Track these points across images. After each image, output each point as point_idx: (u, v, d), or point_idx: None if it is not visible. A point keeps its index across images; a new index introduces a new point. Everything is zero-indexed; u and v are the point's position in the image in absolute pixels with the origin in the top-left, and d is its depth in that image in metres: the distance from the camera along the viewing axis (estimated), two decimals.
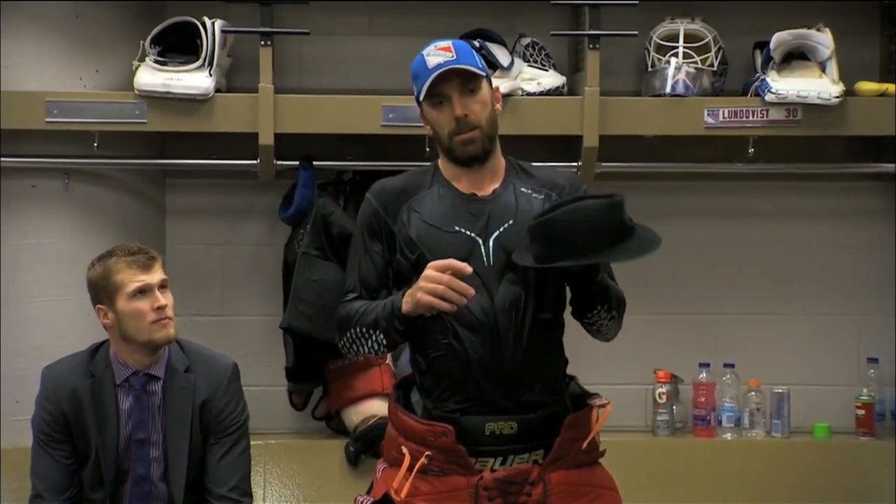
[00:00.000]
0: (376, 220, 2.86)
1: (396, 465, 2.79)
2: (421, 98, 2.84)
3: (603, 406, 2.77)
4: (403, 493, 2.71)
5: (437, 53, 2.83)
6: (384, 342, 2.74)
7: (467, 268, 2.60)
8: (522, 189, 2.88)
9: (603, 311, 2.77)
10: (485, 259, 2.76)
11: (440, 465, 2.72)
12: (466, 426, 2.72)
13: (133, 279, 3.53)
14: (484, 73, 2.83)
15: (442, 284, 2.58)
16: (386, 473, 2.85)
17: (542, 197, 2.87)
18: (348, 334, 2.81)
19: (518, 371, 2.69)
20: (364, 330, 2.76)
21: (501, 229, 2.80)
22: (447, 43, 2.83)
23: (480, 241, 2.78)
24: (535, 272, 2.78)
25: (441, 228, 2.78)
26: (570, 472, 2.76)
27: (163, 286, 3.59)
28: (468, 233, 2.78)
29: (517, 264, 2.76)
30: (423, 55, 2.84)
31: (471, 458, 2.70)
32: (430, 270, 2.61)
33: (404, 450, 2.77)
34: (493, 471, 2.72)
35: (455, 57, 2.80)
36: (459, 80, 2.79)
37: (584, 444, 2.74)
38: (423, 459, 2.72)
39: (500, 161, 2.88)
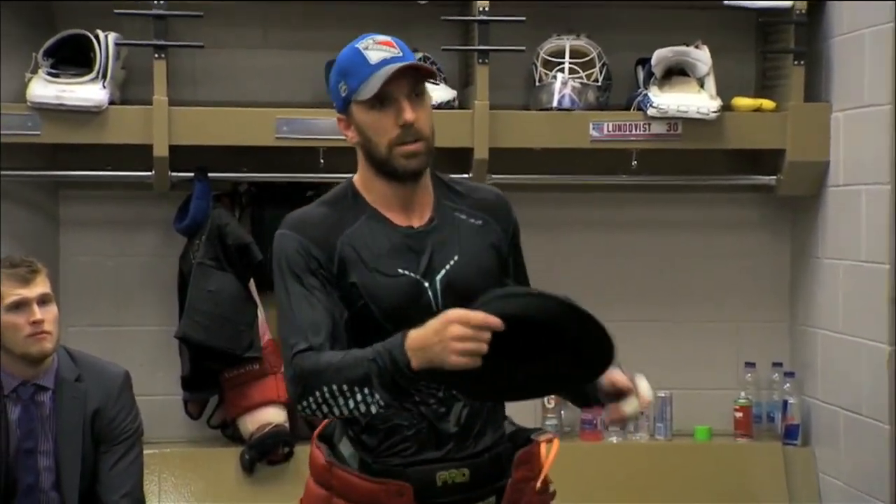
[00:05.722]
0: (307, 258, 2.41)
1: None
2: (360, 98, 2.41)
3: (550, 441, 2.51)
4: None
5: (379, 48, 2.43)
6: (379, 401, 2.24)
7: (500, 324, 2.18)
8: (458, 214, 2.53)
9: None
10: (432, 303, 2.41)
11: None
12: (416, 478, 2.41)
13: (10, 292, 3.52)
14: (437, 76, 2.55)
15: (482, 343, 2.15)
16: None
17: (480, 223, 2.54)
18: (318, 393, 2.28)
19: (472, 419, 2.42)
20: (346, 388, 2.26)
21: (447, 268, 2.46)
22: (386, 37, 2.46)
23: (426, 284, 2.43)
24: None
25: (384, 273, 2.40)
26: None
27: (43, 301, 3.56)
28: (412, 275, 2.42)
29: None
30: (357, 48, 2.44)
31: None
32: (459, 327, 2.15)
33: None
34: None
35: (401, 54, 2.43)
36: (409, 82, 2.42)
37: (538, 484, 2.48)
38: None
39: (428, 178, 2.51)
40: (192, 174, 4.15)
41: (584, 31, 4.22)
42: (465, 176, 4.18)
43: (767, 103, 4.30)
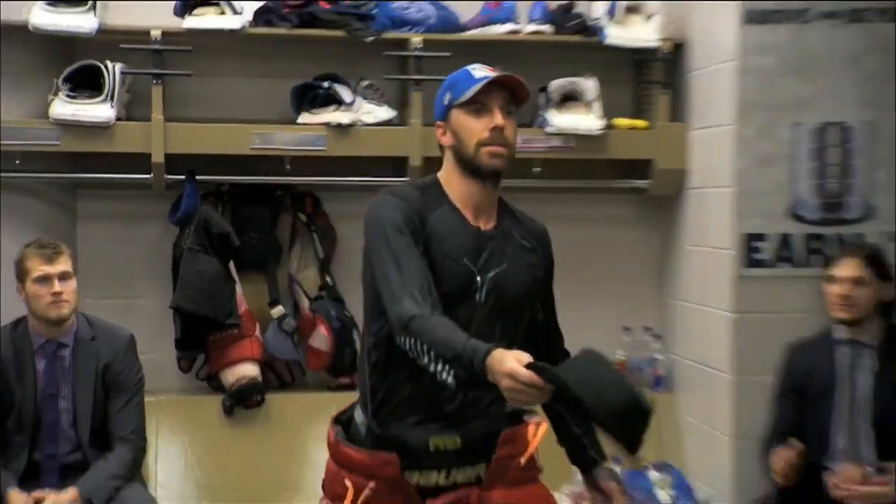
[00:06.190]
0: (410, 222, 2.33)
1: (339, 501, 2.40)
2: (459, 102, 2.39)
3: (539, 424, 2.43)
4: None
5: (484, 69, 2.43)
6: (454, 378, 2.16)
7: (544, 387, 2.05)
8: (514, 233, 2.49)
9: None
10: (478, 295, 2.38)
11: (385, 497, 2.37)
12: (411, 442, 2.37)
13: (37, 268, 3.60)
14: (527, 100, 2.44)
15: (532, 397, 2.08)
16: None
17: (529, 246, 2.50)
18: (416, 345, 2.20)
19: (475, 401, 2.36)
20: (434, 356, 2.17)
21: (496, 271, 2.41)
22: (494, 68, 2.45)
23: (479, 278, 2.38)
24: (525, 333, 2.48)
25: (452, 258, 2.35)
26: (509, 491, 2.43)
27: (63, 277, 3.63)
28: (471, 266, 2.37)
29: (509, 314, 2.41)
30: (466, 69, 2.44)
31: (414, 471, 2.37)
32: (509, 381, 2.05)
33: (347, 483, 2.38)
34: (437, 485, 2.39)
35: (502, 74, 2.39)
36: (505, 96, 2.39)
37: (523, 461, 2.40)
38: (366, 491, 2.36)
39: (498, 191, 2.47)
40: (183, 177, 4.17)
41: (498, 64, 4.05)
42: (403, 179, 4.16)
43: (641, 123, 4.40)
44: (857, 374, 3.64)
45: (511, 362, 2.06)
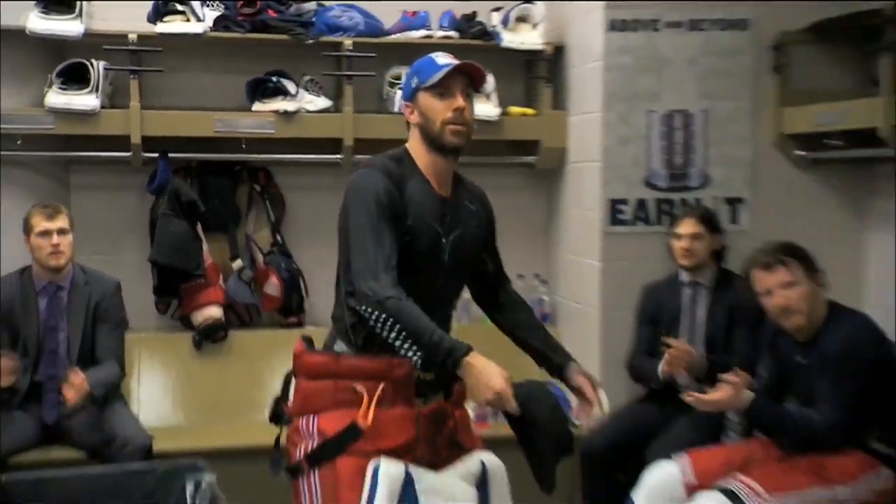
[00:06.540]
0: (392, 193, 2.23)
1: (340, 407, 2.24)
2: (426, 85, 2.27)
3: None
4: (370, 419, 2.21)
5: (446, 56, 2.32)
6: (418, 361, 2.13)
7: (515, 411, 2.12)
8: (464, 199, 2.41)
9: None
10: (443, 255, 2.31)
11: (390, 399, 2.25)
12: None
13: (39, 224, 3.64)
14: (484, 84, 2.35)
15: (499, 408, 2.14)
16: (328, 417, 2.27)
17: (475, 209, 2.43)
18: (387, 322, 2.11)
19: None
20: (406, 337, 2.11)
21: (455, 234, 2.34)
22: (452, 55, 2.34)
23: (444, 240, 2.31)
24: (477, 284, 2.52)
25: (425, 222, 2.28)
26: (463, 411, 2.43)
27: (61, 231, 3.63)
28: (439, 229, 2.30)
29: (464, 270, 2.38)
30: (430, 57, 2.33)
31: None
32: (492, 394, 2.09)
33: (360, 388, 2.23)
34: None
35: (460, 62, 2.29)
36: (465, 81, 2.30)
37: (468, 393, 2.32)
38: (378, 392, 2.23)
39: (456, 163, 2.38)
40: (157, 155, 4.16)
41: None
42: (339, 156, 4.18)
43: (529, 111, 4.40)
44: (696, 307, 3.78)
45: (500, 381, 2.07)
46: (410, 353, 2.12)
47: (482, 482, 2.33)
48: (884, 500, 2.97)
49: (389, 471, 2.17)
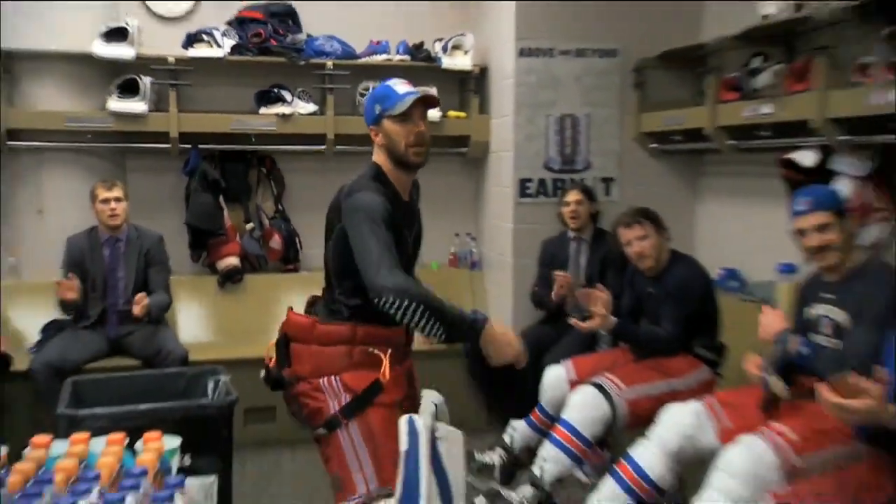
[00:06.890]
0: (387, 207, 2.06)
1: (358, 368, 2.12)
2: (389, 114, 2.11)
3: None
4: (388, 375, 2.10)
5: (404, 84, 2.16)
6: (442, 335, 1.96)
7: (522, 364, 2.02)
8: (415, 199, 2.28)
9: None
10: (408, 247, 2.19)
11: (394, 360, 2.16)
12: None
13: (101, 194, 3.72)
14: (438, 105, 2.19)
15: (512, 360, 2.02)
16: (351, 376, 2.13)
17: (416, 201, 2.30)
18: (414, 307, 1.93)
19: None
20: (430, 318, 1.94)
21: (415, 230, 2.25)
22: (405, 81, 2.19)
23: (410, 236, 2.20)
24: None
25: (404, 223, 2.15)
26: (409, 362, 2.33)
27: (118, 199, 3.69)
28: (405, 230, 2.17)
29: (416, 254, 2.26)
30: (388, 84, 2.16)
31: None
32: (516, 354, 2.00)
33: (377, 351, 2.11)
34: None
35: (416, 90, 2.15)
36: (422, 106, 2.14)
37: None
38: (391, 352, 2.14)
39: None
40: (190, 146, 4.24)
41: (379, 80, 3.43)
42: (322, 147, 4.25)
43: (462, 115, 4.49)
44: (580, 256, 3.94)
45: (517, 342, 2.01)
46: (435, 329, 1.95)
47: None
48: (705, 388, 3.07)
49: (422, 422, 1.94)
